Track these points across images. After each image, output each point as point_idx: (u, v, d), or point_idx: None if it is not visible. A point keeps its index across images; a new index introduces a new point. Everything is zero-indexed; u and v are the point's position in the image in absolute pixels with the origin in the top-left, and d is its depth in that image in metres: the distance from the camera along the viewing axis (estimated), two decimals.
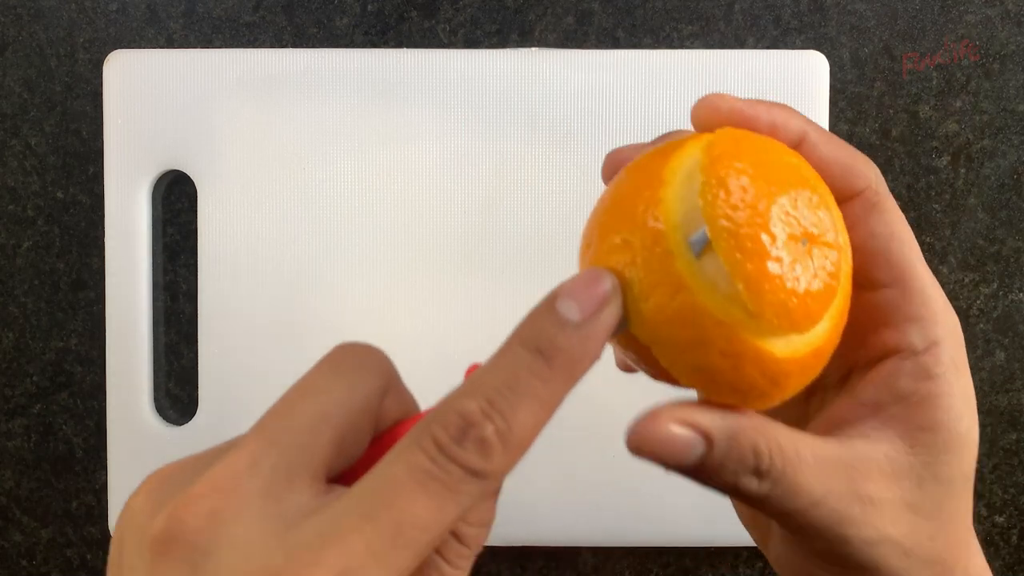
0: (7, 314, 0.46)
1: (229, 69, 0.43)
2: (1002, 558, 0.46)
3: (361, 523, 0.18)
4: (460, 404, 0.19)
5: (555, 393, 0.20)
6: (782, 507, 0.22)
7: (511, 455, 0.20)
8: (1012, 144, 0.45)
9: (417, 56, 0.43)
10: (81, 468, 0.46)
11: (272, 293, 0.43)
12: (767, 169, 0.21)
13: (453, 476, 0.19)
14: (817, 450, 0.22)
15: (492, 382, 0.20)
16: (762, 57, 0.43)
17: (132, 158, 0.43)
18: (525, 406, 0.19)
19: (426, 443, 0.19)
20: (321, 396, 0.21)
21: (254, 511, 0.19)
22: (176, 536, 0.19)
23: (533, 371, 0.20)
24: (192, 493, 0.19)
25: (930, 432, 0.23)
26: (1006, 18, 0.45)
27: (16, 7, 0.46)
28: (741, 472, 0.22)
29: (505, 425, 0.19)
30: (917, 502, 0.23)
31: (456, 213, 0.43)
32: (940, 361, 0.23)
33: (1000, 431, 0.45)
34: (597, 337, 0.20)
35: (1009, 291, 0.45)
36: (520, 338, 0.20)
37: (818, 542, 0.23)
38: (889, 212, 0.24)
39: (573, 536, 0.43)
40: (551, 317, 0.20)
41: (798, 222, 0.20)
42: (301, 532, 0.18)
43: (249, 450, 0.20)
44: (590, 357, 0.20)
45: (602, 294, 0.20)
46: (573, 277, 0.21)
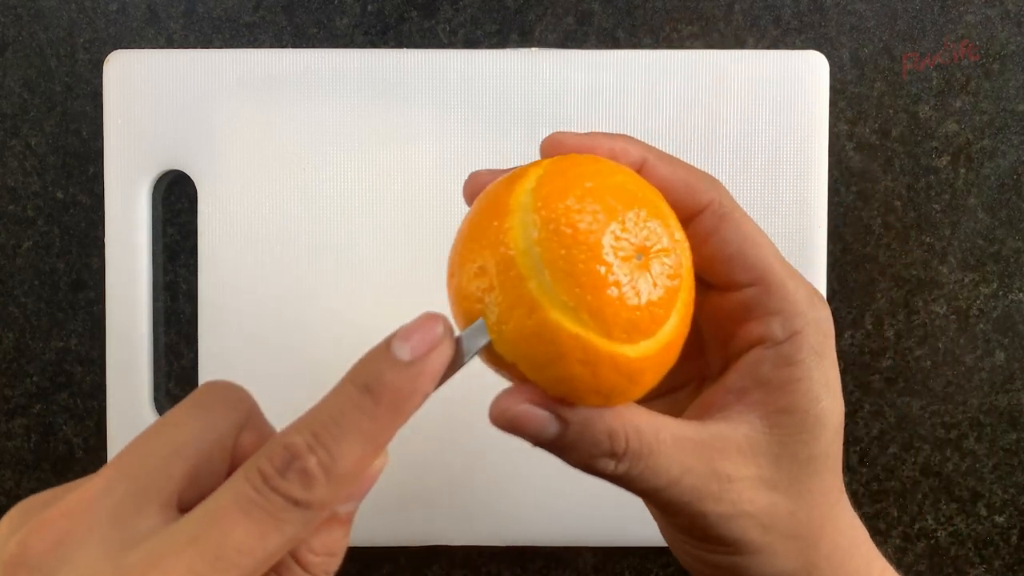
0: (7, 314, 0.46)
1: (229, 69, 0.43)
2: (1002, 558, 0.46)
3: (186, 546, 0.19)
4: (287, 438, 0.21)
5: (381, 428, 0.21)
6: (643, 486, 0.24)
7: (334, 487, 0.21)
8: (1012, 144, 0.45)
9: (417, 56, 0.43)
10: (81, 468, 0.46)
11: (272, 293, 0.43)
12: (594, 197, 0.22)
13: (275, 505, 0.20)
14: (677, 431, 0.24)
15: (320, 417, 0.21)
16: (762, 57, 0.43)
17: (132, 158, 0.43)
18: (350, 440, 0.21)
19: (251, 474, 0.20)
20: (176, 430, 0.22)
21: (99, 535, 0.20)
22: (23, 560, 0.20)
23: (359, 407, 0.21)
24: (43, 518, 0.20)
25: (787, 414, 0.25)
26: (1006, 18, 0.45)
27: (16, 7, 0.46)
28: (596, 454, 0.23)
29: (328, 458, 0.20)
30: (774, 479, 0.25)
31: (456, 213, 0.43)
32: (800, 348, 0.25)
33: (1000, 431, 0.45)
34: (425, 376, 0.21)
35: (1009, 291, 0.45)
36: (351, 376, 0.21)
37: (680, 518, 0.25)
38: (739, 220, 0.26)
39: (573, 536, 0.43)
40: (383, 356, 0.21)
41: (629, 242, 0.22)
42: (134, 554, 0.20)
43: (103, 479, 0.21)
44: (418, 394, 0.21)
45: (433, 337, 0.22)
46: (410, 321, 0.22)
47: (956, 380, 0.45)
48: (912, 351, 0.45)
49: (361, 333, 0.43)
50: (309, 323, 0.43)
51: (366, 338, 0.43)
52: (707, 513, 0.24)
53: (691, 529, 0.25)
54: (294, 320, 0.43)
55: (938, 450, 0.45)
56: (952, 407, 0.45)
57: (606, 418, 0.23)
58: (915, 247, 0.45)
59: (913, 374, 0.45)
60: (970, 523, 0.46)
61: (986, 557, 0.46)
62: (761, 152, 0.43)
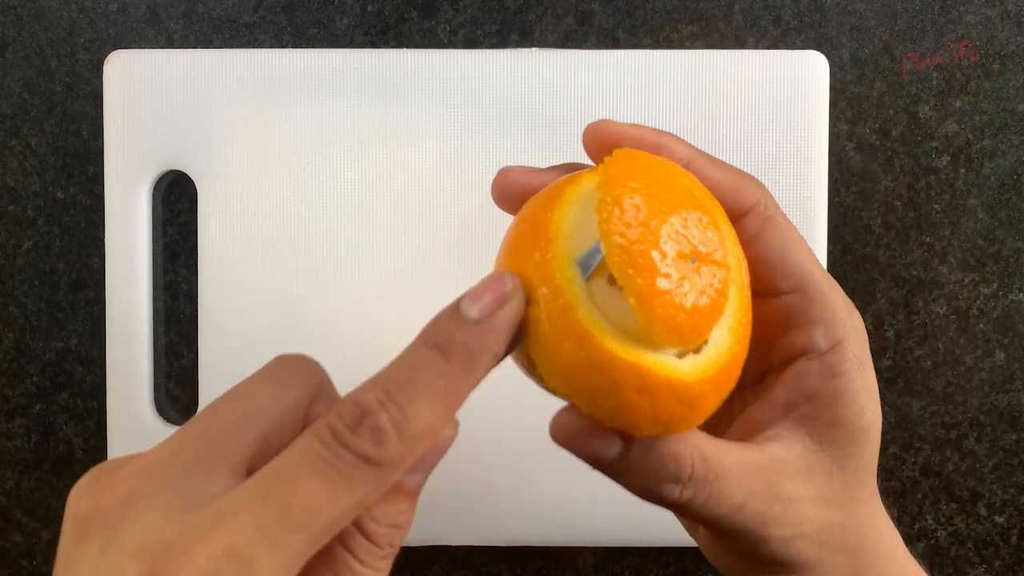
0: (7, 314, 0.46)
1: (229, 69, 0.43)
2: (1002, 558, 0.46)
3: (252, 503, 0.19)
4: (358, 395, 0.20)
5: (453, 387, 0.21)
6: (706, 513, 0.24)
7: (406, 445, 0.20)
8: (1012, 144, 0.45)
9: (417, 56, 0.43)
10: (81, 468, 0.46)
11: (272, 293, 0.43)
12: (660, 189, 0.22)
13: (345, 462, 0.20)
14: (739, 456, 0.24)
15: (392, 376, 0.21)
16: (762, 57, 0.43)
17: (132, 158, 0.43)
18: (422, 398, 0.20)
19: (322, 431, 0.20)
20: (248, 399, 0.22)
21: (166, 495, 0.20)
22: (93, 516, 0.20)
23: (431, 365, 0.21)
24: (114, 478, 0.20)
25: (836, 427, 0.25)
26: (1006, 18, 0.45)
27: (16, 7, 0.46)
28: (662, 479, 0.23)
29: (401, 415, 0.20)
30: (828, 495, 0.25)
31: (456, 213, 0.43)
32: (844, 359, 0.25)
33: (1000, 431, 0.45)
34: (495, 333, 0.21)
35: (1009, 291, 0.45)
36: (423, 336, 0.21)
37: (739, 543, 0.24)
38: (782, 225, 0.25)
39: (573, 536, 0.43)
40: (453, 316, 0.21)
41: (688, 241, 0.21)
42: (200, 512, 0.19)
43: (173, 443, 0.21)
44: (489, 352, 0.21)
45: (502, 293, 0.21)
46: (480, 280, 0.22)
47: (956, 380, 0.45)
48: (912, 351, 0.45)
49: (361, 332, 0.43)
50: (309, 323, 0.43)
51: (366, 338, 0.43)
52: (769, 537, 0.24)
53: (750, 553, 0.25)
54: (294, 320, 0.43)
55: (938, 450, 0.45)
56: (952, 407, 0.45)
57: (671, 442, 0.23)
58: (915, 247, 0.45)
59: (913, 374, 0.45)
60: (970, 523, 0.46)
61: (986, 557, 0.46)
62: (761, 152, 0.43)
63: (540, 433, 0.42)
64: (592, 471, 0.24)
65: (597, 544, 0.44)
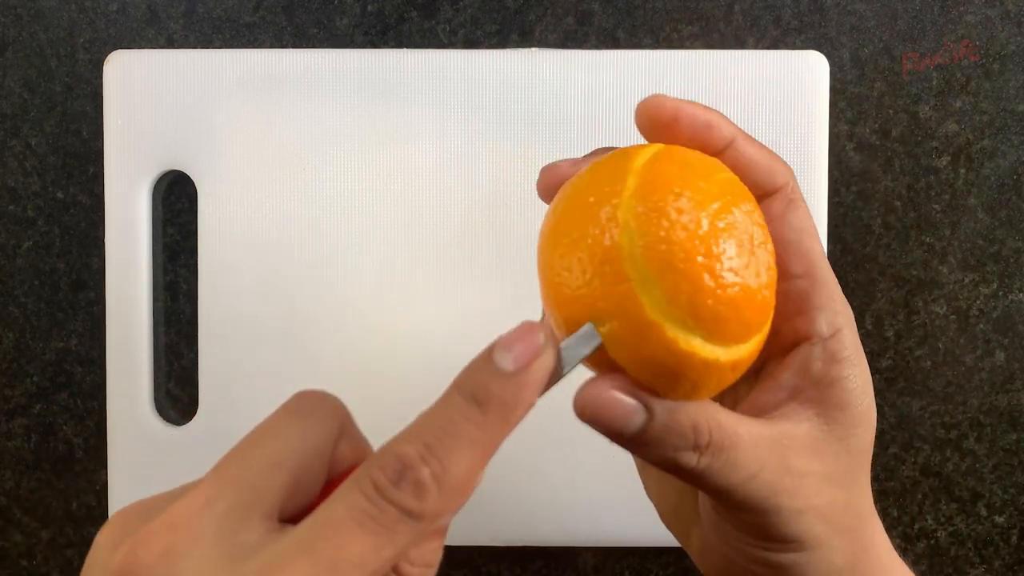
0: (7, 314, 0.46)
1: (229, 69, 0.43)
2: (1002, 558, 0.46)
3: (300, 558, 0.19)
4: (399, 447, 0.21)
5: (490, 438, 0.21)
6: (719, 482, 0.24)
7: (447, 497, 0.21)
8: (1012, 144, 0.45)
9: (417, 56, 0.43)
10: (81, 468, 0.46)
11: (272, 293, 0.43)
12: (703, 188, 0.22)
13: (389, 516, 0.20)
14: (751, 429, 0.24)
15: (430, 427, 0.21)
16: (762, 57, 0.43)
17: (132, 158, 0.43)
18: (461, 450, 0.21)
19: (365, 484, 0.20)
20: (276, 441, 0.22)
21: (205, 547, 0.20)
22: (132, 571, 0.20)
23: (468, 417, 0.21)
24: (149, 530, 0.20)
25: (840, 409, 0.26)
26: (1006, 18, 0.45)
27: (16, 7, 0.46)
28: (681, 447, 0.23)
29: (441, 468, 0.20)
30: (833, 473, 0.26)
31: (456, 213, 0.43)
32: (845, 346, 0.26)
33: (1000, 431, 0.45)
34: (530, 386, 0.21)
35: (1009, 291, 0.45)
36: (458, 386, 0.21)
37: (751, 515, 0.25)
38: (802, 209, 0.26)
39: (573, 536, 0.43)
40: (487, 367, 0.21)
41: (741, 238, 0.22)
42: (246, 566, 0.20)
43: (206, 490, 0.21)
44: (523, 405, 0.21)
45: (535, 347, 0.21)
46: (511, 330, 0.22)
47: (956, 380, 0.45)
48: (912, 351, 0.45)
49: (361, 333, 0.43)
50: (309, 323, 0.43)
51: (366, 337, 0.43)
52: (781, 508, 0.25)
53: (759, 527, 0.25)
54: (294, 320, 0.43)
55: (938, 450, 0.45)
56: (952, 407, 0.45)
57: (690, 412, 0.23)
58: (915, 247, 0.45)
59: (913, 374, 0.45)
60: (970, 523, 0.46)
61: (986, 557, 0.46)
62: None
63: (540, 433, 0.42)
64: (592, 472, 0.24)
65: (597, 544, 0.44)
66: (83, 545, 0.46)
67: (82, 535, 0.46)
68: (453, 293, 0.43)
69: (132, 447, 0.43)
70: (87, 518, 0.46)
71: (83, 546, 0.46)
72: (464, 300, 0.43)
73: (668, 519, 0.31)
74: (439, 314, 0.43)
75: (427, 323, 0.43)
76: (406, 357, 0.43)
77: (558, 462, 0.43)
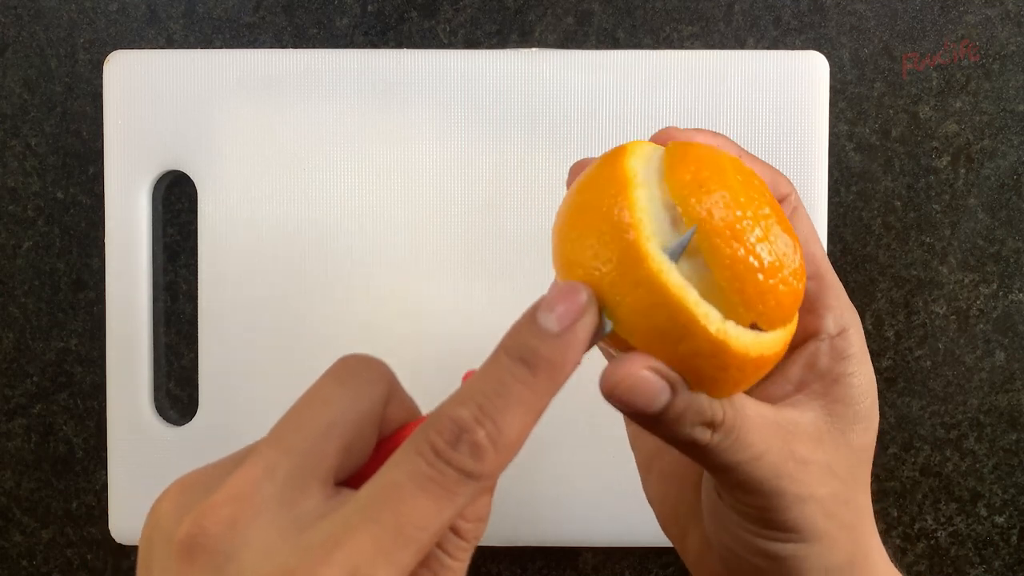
0: (7, 314, 0.46)
1: (229, 69, 0.43)
2: (1002, 558, 0.46)
3: (368, 524, 0.20)
4: (454, 411, 0.21)
5: (540, 398, 0.22)
6: (728, 459, 0.25)
7: (502, 456, 0.21)
8: (1012, 144, 0.45)
9: (417, 56, 0.43)
10: (81, 468, 0.46)
11: (272, 293, 0.43)
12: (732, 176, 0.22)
13: (449, 478, 0.20)
14: (759, 410, 0.25)
15: (482, 389, 0.21)
16: (762, 57, 0.43)
17: (132, 158, 0.43)
18: (513, 411, 0.21)
19: (424, 448, 0.21)
20: (328, 406, 0.22)
21: (270, 516, 0.20)
22: (200, 542, 0.20)
23: (518, 378, 0.21)
24: (213, 501, 0.21)
25: (843, 404, 0.26)
26: (1006, 18, 0.45)
27: (16, 7, 0.46)
28: (697, 423, 0.24)
29: (495, 429, 0.21)
30: (835, 466, 0.26)
31: (456, 213, 0.43)
32: (851, 343, 0.27)
33: (1000, 431, 0.45)
34: (575, 345, 0.22)
35: (1009, 291, 0.45)
36: (505, 348, 0.22)
37: (753, 497, 0.25)
38: (805, 217, 0.28)
39: (573, 536, 0.43)
40: (532, 328, 0.22)
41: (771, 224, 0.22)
42: (313, 534, 0.20)
43: (264, 459, 0.21)
44: (570, 363, 0.22)
45: (579, 306, 0.22)
46: (552, 290, 0.22)
47: (956, 380, 0.45)
48: (912, 351, 0.45)
49: (361, 332, 0.43)
50: (309, 323, 0.43)
51: (366, 337, 0.43)
52: (784, 492, 0.25)
53: (761, 511, 0.26)
54: (294, 320, 0.43)
55: (938, 450, 0.45)
56: (952, 407, 0.45)
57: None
58: (915, 247, 0.45)
59: (913, 374, 0.45)
60: (970, 523, 0.46)
61: (986, 557, 0.46)
62: (761, 152, 0.42)
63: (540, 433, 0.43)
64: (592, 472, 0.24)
65: (597, 544, 0.44)
66: (83, 545, 0.46)
67: (82, 535, 0.46)
68: (453, 292, 0.43)
69: (132, 447, 0.43)
70: (87, 518, 0.46)
71: (83, 546, 0.46)
72: (464, 299, 0.43)
73: (666, 521, 0.32)
74: (439, 312, 0.43)
75: (427, 322, 0.43)
76: (406, 356, 0.43)
77: (558, 462, 0.43)
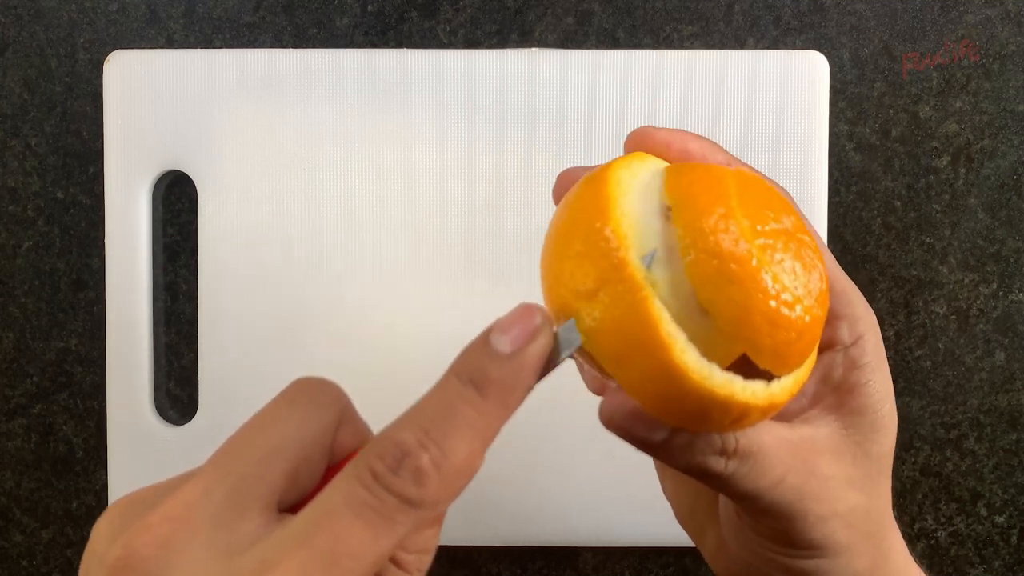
0: (7, 314, 0.46)
1: (229, 69, 0.43)
2: (1002, 558, 0.46)
3: (297, 550, 0.19)
4: (397, 434, 0.20)
5: (490, 422, 0.21)
6: (747, 487, 0.24)
7: (447, 483, 0.20)
8: (1012, 144, 0.45)
9: (417, 56, 0.43)
10: (81, 468, 0.46)
11: (272, 293, 0.43)
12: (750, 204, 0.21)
13: (388, 505, 0.19)
14: (776, 433, 0.24)
15: (428, 413, 0.20)
16: (762, 57, 0.43)
17: (132, 158, 0.43)
18: (460, 435, 0.20)
19: (363, 473, 0.20)
20: (274, 429, 0.21)
21: (203, 539, 0.19)
22: (130, 564, 0.19)
23: (467, 401, 0.20)
24: (146, 522, 0.20)
25: (860, 415, 0.26)
26: (1006, 18, 0.45)
27: (16, 7, 0.46)
28: (708, 452, 0.23)
29: (440, 454, 0.20)
30: (855, 478, 0.25)
31: (456, 213, 0.43)
32: (866, 352, 0.26)
33: (1000, 431, 0.45)
34: (528, 368, 0.21)
35: (1009, 291, 0.45)
36: (455, 371, 0.21)
37: (777, 521, 0.25)
38: (811, 226, 0.26)
39: (573, 536, 0.43)
40: (484, 350, 0.21)
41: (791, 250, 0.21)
42: (244, 558, 0.19)
43: (203, 480, 0.20)
44: (522, 387, 0.21)
45: (532, 328, 0.21)
46: (507, 313, 0.21)
47: (956, 380, 0.45)
48: (912, 351, 0.45)
49: (361, 332, 0.43)
50: (309, 323, 0.43)
51: (366, 337, 0.43)
52: (808, 513, 0.24)
53: (784, 533, 0.25)
54: (294, 320, 0.43)
55: (938, 450, 0.45)
56: (952, 407, 0.45)
57: None
58: (915, 247, 0.45)
59: (913, 374, 0.45)
60: (970, 523, 0.46)
61: (986, 557, 0.46)
62: (761, 152, 0.43)
63: (540, 433, 0.42)
64: (592, 471, 0.24)
65: (597, 544, 0.44)
66: (83, 545, 0.46)
67: (82, 535, 0.46)
68: (453, 292, 0.43)
69: (132, 447, 0.43)
70: (87, 518, 0.46)
71: (83, 546, 0.46)
72: (464, 299, 0.43)
73: (683, 519, 0.31)
74: (439, 313, 0.43)
75: (427, 322, 0.43)
76: (406, 356, 0.43)
77: (558, 462, 0.43)
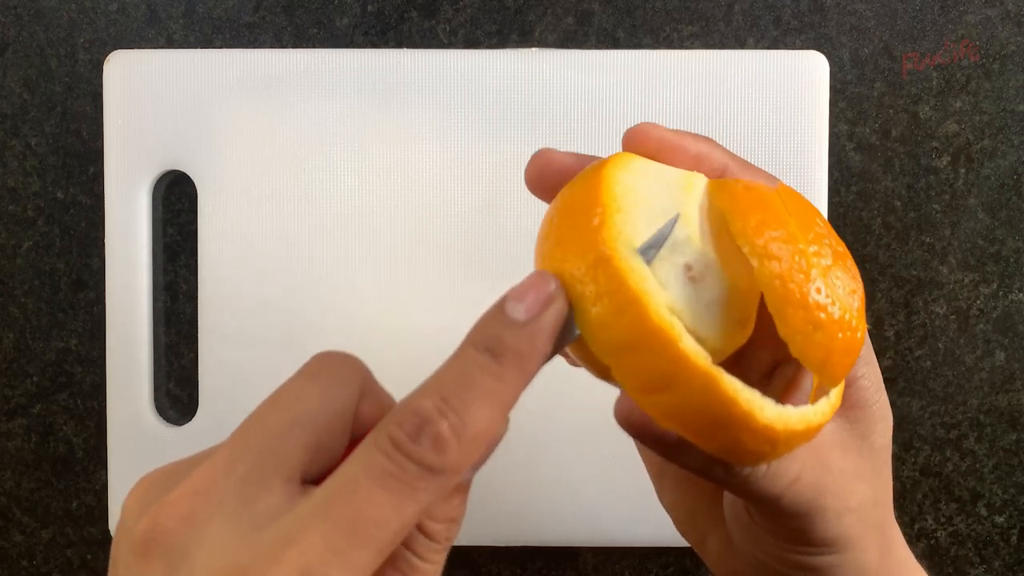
0: (7, 314, 0.46)
1: (229, 69, 0.43)
2: (1002, 558, 0.46)
3: (320, 522, 0.19)
4: (416, 403, 0.20)
5: (507, 389, 0.21)
6: (767, 488, 0.24)
7: (466, 450, 0.20)
8: (1012, 144, 0.45)
9: (417, 56, 0.43)
10: (81, 468, 0.46)
11: (272, 293, 0.43)
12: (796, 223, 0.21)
13: (409, 473, 0.20)
14: None
15: (446, 381, 0.21)
16: (762, 57, 0.43)
17: (132, 158, 0.43)
18: (478, 402, 0.20)
19: (383, 442, 0.20)
20: (295, 403, 0.21)
21: (227, 513, 0.20)
22: (156, 537, 0.20)
23: (484, 369, 0.21)
24: (171, 497, 0.20)
25: (859, 408, 0.26)
26: (1006, 18, 0.45)
27: (16, 7, 0.46)
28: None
29: (459, 421, 0.20)
30: (862, 470, 0.26)
31: (456, 213, 0.43)
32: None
33: (1000, 431, 0.45)
34: (543, 334, 0.21)
35: (1009, 291, 0.45)
36: (472, 339, 0.21)
37: (793, 519, 0.25)
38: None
39: (573, 536, 0.43)
40: (500, 318, 0.21)
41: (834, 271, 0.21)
42: (267, 532, 0.19)
43: (225, 455, 0.21)
44: (538, 354, 0.21)
45: (546, 295, 0.21)
46: (522, 280, 0.21)
47: (956, 380, 0.45)
48: (912, 351, 0.45)
49: (362, 332, 0.43)
50: (309, 323, 0.43)
51: (367, 337, 0.43)
52: (826, 509, 0.24)
53: (800, 531, 0.25)
54: (294, 320, 0.43)
55: (938, 450, 0.45)
56: (952, 407, 0.45)
57: None
58: (915, 247, 0.45)
59: (913, 374, 0.45)
60: (970, 523, 0.46)
61: (986, 557, 0.46)
62: (761, 152, 0.43)
63: (540, 433, 0.42)
64: (592, 472, 0.24)
65: (597, 544, 0.44)
66: (83, 545, 0.46)
67: (82, 535, 0.46)
68: (453, 292, 0.43)
69: (132, 447, 0.43)
70: (87, 518, 0.46)
71: (83, 546, 0.46)
72: (464, 299, 0.43)
73: (683, 526, 0.31)
74: (439, 313, 0.43)
75: (427, 322, 0.43)
76: (406, 356, 0.43)
77: (559, 462, 0.43)
